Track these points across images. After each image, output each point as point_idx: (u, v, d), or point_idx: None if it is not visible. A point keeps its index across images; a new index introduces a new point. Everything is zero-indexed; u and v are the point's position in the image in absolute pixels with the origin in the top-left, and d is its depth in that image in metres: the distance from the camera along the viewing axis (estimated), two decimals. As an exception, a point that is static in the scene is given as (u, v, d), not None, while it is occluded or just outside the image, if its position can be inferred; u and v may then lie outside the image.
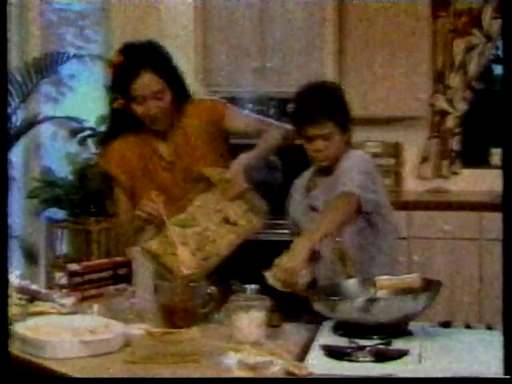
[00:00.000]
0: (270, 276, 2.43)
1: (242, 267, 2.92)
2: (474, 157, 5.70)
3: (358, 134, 2.81)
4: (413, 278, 2.47)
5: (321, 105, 2.76)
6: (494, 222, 4.83)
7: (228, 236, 2.73)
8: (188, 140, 2.92)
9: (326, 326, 2.44)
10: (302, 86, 2.85)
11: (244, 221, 2.75)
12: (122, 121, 2.92)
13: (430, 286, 2.43)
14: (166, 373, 2.11)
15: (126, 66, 2.80)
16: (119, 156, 2.95)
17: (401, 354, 2.17)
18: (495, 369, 2.00)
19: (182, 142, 2.92)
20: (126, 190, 2.95)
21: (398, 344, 2.25)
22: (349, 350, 2.19)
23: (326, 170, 2.83)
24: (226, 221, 2.75)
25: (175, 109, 2.89)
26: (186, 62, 5.34)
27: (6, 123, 2.09)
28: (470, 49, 5.38)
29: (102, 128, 4.90)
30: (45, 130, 4.97)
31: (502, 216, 1.78)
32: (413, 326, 2.40)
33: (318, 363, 2.13)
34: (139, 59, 2.81)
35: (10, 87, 4.36)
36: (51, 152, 5.03)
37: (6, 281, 1.91)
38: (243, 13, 5.28)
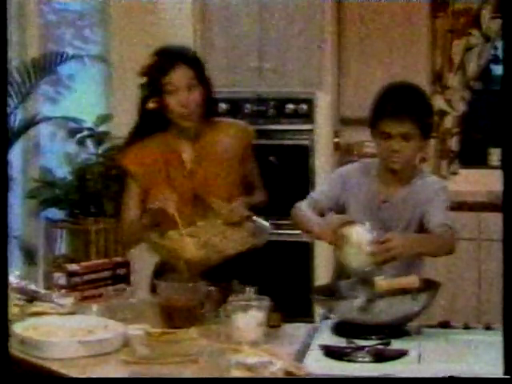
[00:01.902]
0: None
1: (241, 267, 2.93)
2: (472, 157, 5.70)
3: (358, 134, 2.80)
4: (412, 279, 2.47)
5: (405, 100, 2.68)
6: (492, 222, 4.84)
7: (232, 240, 2.77)
8: (212, 153, 2.95)
9: (325, 326, 2.44)
10: (385, 84, 2.78)
11: (244, 246, 2.79)
12: (151, 122, 2.95)
13: (429, 287, 2.44)
14: (164, 373, 2.11)
15: (160, 62, 2.89)
16: (141, 156, 2.95)
17: (400, 355, 2.18)
18: (494, 369, 2.00)
19: (206, 153, 2.95)
20: (140, 190, 2.95)
21: (396, 344, 2.26)
22: (348, 350, 2.19)
23: (399, 177, 2.76)
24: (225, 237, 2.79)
25: (204, 112, 2.93)
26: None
27: (6, 123, 2.09)
28: (468, 49, 5.38)
29: (101, 128, 4.92)
30: (43, 130, 4.97)
31: (501, 216, 1.78)
32: (412, 326, 2.41)
33: (316, 363, 2.14)
34: (174, 55, 2.92)
35: (8, 87, 4.36)
36: (50, 152, 5.03)
37: (6, 281, 1.91)
38: (242, 13, 5.28)
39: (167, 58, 2.90)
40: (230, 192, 2.93)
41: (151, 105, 2.90)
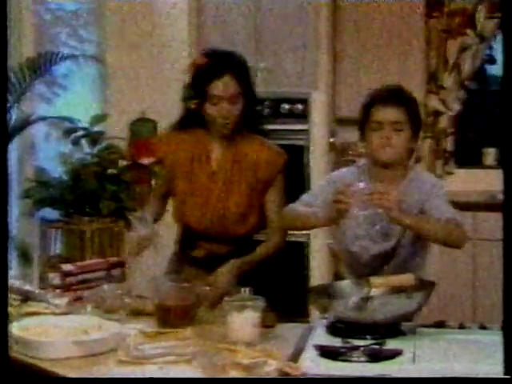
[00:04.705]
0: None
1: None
2: (467, 157, 5.72)
3: (353, 134, 2.80)
4: (407, 278, 2.48)
5: (398, 92, 2.77)
6: (488, 222, 4.84)
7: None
8: (240, 164, 2.96)
9: (320, 325, 2.44)
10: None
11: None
12: (190, 119, 2.98)
13: (424, 286, 2.44)
14: (159, 373, 2.11)
15: (209, 66, 2.87)
16: (171, 145, 3.02)
17: (395, 354, 2.18)
18: (490, 368, 2.01)
19: (235, 162, 2.97)
20: (165, 179, 3.03)
21: (391, 344, 2.26)
22: (343, 350, 2.19)
23: (390, 178, 2.76)
24: None
25: (243, 123, 2.94)
26: (180, 63, 5.36)
27: (6, 124, 2.09)
28: (463, 49, 5.39)
29: (96, 128, 4.91)
30: (38, 130, 4.96)
31: (496, 216, 1.78)
32: (407, 325, 2.41)
33: (311, 363, 2.14)
34: (224, 62, 2.89)
35: (3, 87, 4.35)
36: (45, 152, 5.02)
37: (6, 282, 1.91)
38: (237, 13, 5.28)
39: (216, 65, 2.87)
40: (244, 208, 2.94)
41: (192, 106, 2.93)
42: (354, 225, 2.75)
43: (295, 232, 3.01)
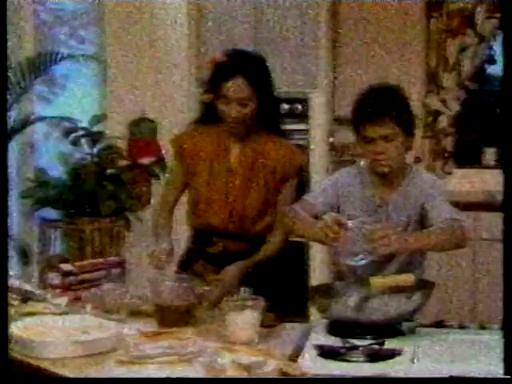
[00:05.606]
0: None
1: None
2: (467, 157, 5.71)
3: (352, 134, 2.80)
4: (406, 277, 2.48)
5: (383, 103, 2.66)
6: (487, 221, 4.84)
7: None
8: (258, 162, 2.95)
9: (320, 325, 2.44)
10: (364, 87, 2.77)
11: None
12: (210, 115, 2.97)
13: (424, 286, 2.44)
14: (158, 373, 2.11)
15: (224, 66, 2.87)
16: (191, 141, 3.01)
17: (394, 354, 2.18)
18: (489, 368, 2.01)
19: (253, 160, 2.96)
20: (182, 174, 3.02)
21: (391, 344, 2.26)
22: (342, 350, 2.19)
23: (391, 179, 2.75)
24: None
25: (257, 123, 2.93)
26: (179, 63, 5.36)
27: (6, 124, 2.09)
28: (463, 49, 5.39)
29: (96, 128, 4.91)
30: (38, 130, 4.97)
31: (495, 215, 1.79)
32: (406, 325, 2.41)
33: (311, 363, 2.14)
34: (238, 63, 2.87)
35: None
36: (44, 152, 5.03)
37: (6, 282, 1.91)
38: (237, 13, 5.28)
39: (230, 66, 2.86)
40: (262, 206, 2.94)
41: (206, 100, 2.94)
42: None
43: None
